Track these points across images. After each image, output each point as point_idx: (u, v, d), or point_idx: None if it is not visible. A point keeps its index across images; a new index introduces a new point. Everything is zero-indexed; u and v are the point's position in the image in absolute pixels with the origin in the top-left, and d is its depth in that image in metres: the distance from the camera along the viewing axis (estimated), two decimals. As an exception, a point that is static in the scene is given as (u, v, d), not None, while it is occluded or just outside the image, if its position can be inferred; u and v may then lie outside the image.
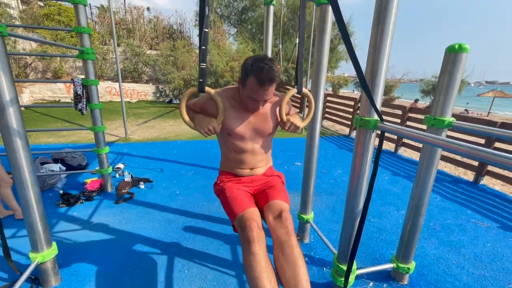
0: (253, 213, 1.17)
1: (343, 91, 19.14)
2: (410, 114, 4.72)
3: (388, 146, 5.36)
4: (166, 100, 8.96)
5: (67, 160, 3.26)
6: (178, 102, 8.71)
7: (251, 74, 1.11)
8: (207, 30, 1.01)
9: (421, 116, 4.63)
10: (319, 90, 1.79)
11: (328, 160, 4.28)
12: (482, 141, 3.69)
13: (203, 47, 1.06)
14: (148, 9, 12.18)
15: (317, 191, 3.01)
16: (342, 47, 10.08)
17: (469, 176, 3.81)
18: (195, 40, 10.79)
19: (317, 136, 1.95)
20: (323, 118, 7.23)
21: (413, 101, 12.72)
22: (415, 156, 4.76)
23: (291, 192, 2.96)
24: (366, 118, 1.23)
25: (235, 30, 11.05)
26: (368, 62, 1.20)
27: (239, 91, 1.25)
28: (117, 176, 3.21)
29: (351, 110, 6.26)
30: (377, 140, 1.24)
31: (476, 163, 3.57)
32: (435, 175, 1.50)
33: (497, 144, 3.44)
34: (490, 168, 3.45)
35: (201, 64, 1.08)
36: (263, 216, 1.27)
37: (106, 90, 8.63)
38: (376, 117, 1.22)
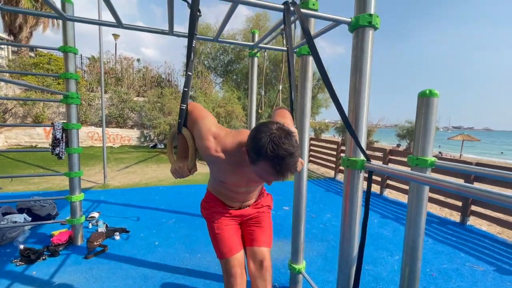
0: (239, 260, 1.24)
1: (324, 136, 19.96)
2: (390, 156, 4.89)
3: (373, 188, 5.40)
4: (151, 145, 8.86)
5: (35, 210, 2.97)
6: (163, 146, 8.63)
7: (266, 159, 0.87)
8: (191, 73, 1.04)
9: (401, 158, 4.81)
10: (304, 134, 1.84)
11: (316, 203, 4.20)
12: (461, 180, 3.82)
13: (185, 89, 1.06)
14: (138, 60, 12.86)
15: (307, 237, 2.86)
16: (321, 95, 10.85)
17: (455, 216, 3.83)
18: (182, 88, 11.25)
19: (305, 179, 1.93)
20: (308, 161, 7.34)
21: (394, 146, 13.38)
22: (400, 197, 4.79)
23: (279, 239, 2.79)
24: (353, 158, 1.24)
25: (221, 79, 11.73)
26: (350, 106, 1.26)
27: (236, 146, 1.05)
28: (90, 226, 2.92)
29: (335, 153, 6.43)
30: (364, 181, 1.23)
31: (460, 203, 3.62)
32: (425, 215, 1.48)
33: (475, 183, 3.56)
34: (474, 208, 3.50)
35: (182, 105, 1.08)
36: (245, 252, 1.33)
37: (88, 135, 8.46)
38: (362, 157, 1.24)
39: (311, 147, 7.37)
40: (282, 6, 1.09)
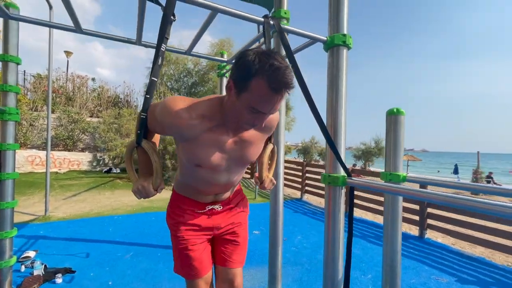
0: (207, 280, 1.11)
1: (287, 157, 20.52)
2: (353, 174, 5.12)
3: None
4: (104, 170, 8.03)
5: None
6: (119, 171, 7.89)
7: (259, 75, 0.77)
8: (155, 79, 0.92)
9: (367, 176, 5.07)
10: (280, 151, 1.80)
11: (286, 225, 4.11)
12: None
13: (147, 96, 0.91)
14: (93, 79, 12.05)
15: (280, 262, 2.73)
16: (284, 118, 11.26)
17: (414, 231, 4.06)
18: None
19: (281, 201, 1.86)
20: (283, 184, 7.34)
21: (351, 166, 14.28)
22: (364, 215, 4.97)
23: (252, 267, 2.61)
24: (334, 174, 1.21)
25: (185, 101, 11.51)
26: (328, 121, 1.26)
27: (215, 106, 0.92)
28: (23, 269, 2.40)
29: (300, 173, 6.55)
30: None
31: (417, 217, 3.86)
32: (401, 230, 1.50)
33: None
34: (430, 221, 3.75)
35: (142, 113, 0.91)
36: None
37: (27, 160, 7.37)
38: (342, 173, 1.22)
39: (277, 168, 7.42)
40: (262, 19, 1.08)
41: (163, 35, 0.91)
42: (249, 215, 1.34)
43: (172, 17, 0.93)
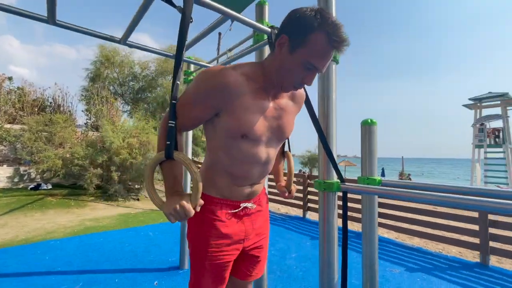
0: None
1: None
2: (309, 181, 5.43)
3: (294, 212, 5.79)
4: (31, 186, 6.73)
5: None
6: (50, 187, 6.71)
7: (320, 29, 0.77)
8: (179, 82, 0.84)
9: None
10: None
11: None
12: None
13: (173, 101, 0.83)
14: (10, 79, 10.14)
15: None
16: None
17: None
18: (80, 115, 9.50)
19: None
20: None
21: (297, 172, 15.13)
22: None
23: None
24: (329, 181, 1.27)
25: (129, 107, 10.61)
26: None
27: (256, 67, 0.89)
28: None
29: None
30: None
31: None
32: (377, 231, 1.64)
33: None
34: (379, 219, 4.20)
35: (170, 122, 0.81)
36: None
37: None
38: (335, 179, 1.29)
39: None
40: (269, 30, 1.09)
41: (183, 35, 0.84)
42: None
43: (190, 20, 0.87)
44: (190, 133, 3.00)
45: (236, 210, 0.99)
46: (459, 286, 2.52)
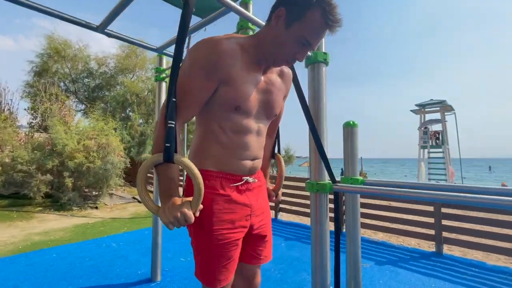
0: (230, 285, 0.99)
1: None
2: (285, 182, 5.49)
3: (266, 213, 5.82)
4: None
5: None
6: (-18, 198, 5.73)
7: (317, 6, 0.79)
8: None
9: (294, 183, 5.47)
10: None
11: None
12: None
13: (174, 99, 0.76)
14: None
15: None
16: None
17: (331, 227, 4.69)
18: (22, 114, 8.33)
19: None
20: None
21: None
22: (292, 219, 5.39)
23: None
24: (321, 182, 1.28)
25: (84, 106, 9.66)
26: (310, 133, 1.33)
27: (249, 39, 0.89)
28: None
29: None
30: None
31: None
32: (360, 230, 1.71)
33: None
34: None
35: (170, 122, 0.75)
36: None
37: None
38: (327, 180, 1.30)
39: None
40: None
41: (185, 26, 0.75)
42: (179, 233, 1.29)
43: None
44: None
45: (238, 184, 0.95)
46: (421, 274, 2.75)
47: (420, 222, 3.63)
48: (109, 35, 1.08)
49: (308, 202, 5.04)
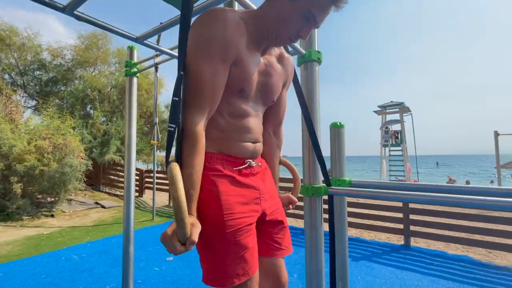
0: (257, 280, 0.86)
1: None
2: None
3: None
4: None
5: None
6: None
7: None
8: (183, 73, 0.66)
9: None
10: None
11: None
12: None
13: (175, 98, 0.66)
14: None
15: None
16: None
17: (300, 223, 4.77)
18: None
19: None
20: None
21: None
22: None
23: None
24: (316, 185, 1.23)
25: (35, 102, 8.62)
26: (304, 133, 1.28)
27: (250, 15, 0.83)
28: None
29: None
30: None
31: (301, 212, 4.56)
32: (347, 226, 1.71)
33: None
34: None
35: (170, 125, 0.67)
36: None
37: None
38: (321, 183, 1.26)
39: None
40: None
41: (186, 25, 0.64)
42: (151, 240, 1.21)
43: None
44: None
45: (242, 167, 0.90)
46: (393, 268, 2.90)
47: (390, 217, 3.84)
48: (79, 18, 0.89)
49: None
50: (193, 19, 0.77)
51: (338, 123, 1.63)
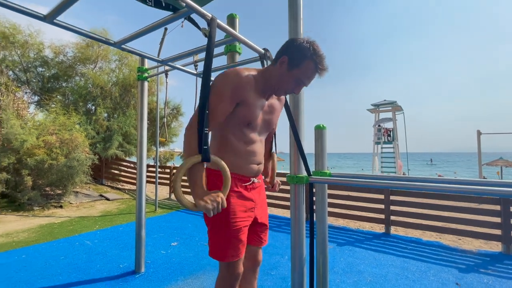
0: (241, 260, 1.29)
1: (170, 164, 19.63)
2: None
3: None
4: None
5: None
6: None
7: (311, 58, 1.07)
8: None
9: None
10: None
11: (198, 234, 4.18)
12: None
13: (207, 112, 1.00)
14: None
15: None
16: (175, 124, 10.84)
17: (287, 214, 5.15)
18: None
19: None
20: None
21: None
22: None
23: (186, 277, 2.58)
24: (300, 175, 1.59)
25: (37, 98, 8.82)
26: (291, 138, 1.63)
27: (258, 73, 1.17)
28: None
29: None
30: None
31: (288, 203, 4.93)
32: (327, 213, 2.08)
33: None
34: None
35: (205, 129, 0.98)
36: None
37: None
38: (304, 173, 1.62)
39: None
40: (263, 51, 1.32)
41: (210, 56, 0.98)
42: (156, 229, 1.62)
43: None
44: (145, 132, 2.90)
45: (247, 184, 1.27)
46: (372, 251, 3.29)
47: (373, 208, 4.24)
48: (58, 25, 1.10)
49: (275, 194, 5.43)
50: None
51: (321, 125, 1.99)
